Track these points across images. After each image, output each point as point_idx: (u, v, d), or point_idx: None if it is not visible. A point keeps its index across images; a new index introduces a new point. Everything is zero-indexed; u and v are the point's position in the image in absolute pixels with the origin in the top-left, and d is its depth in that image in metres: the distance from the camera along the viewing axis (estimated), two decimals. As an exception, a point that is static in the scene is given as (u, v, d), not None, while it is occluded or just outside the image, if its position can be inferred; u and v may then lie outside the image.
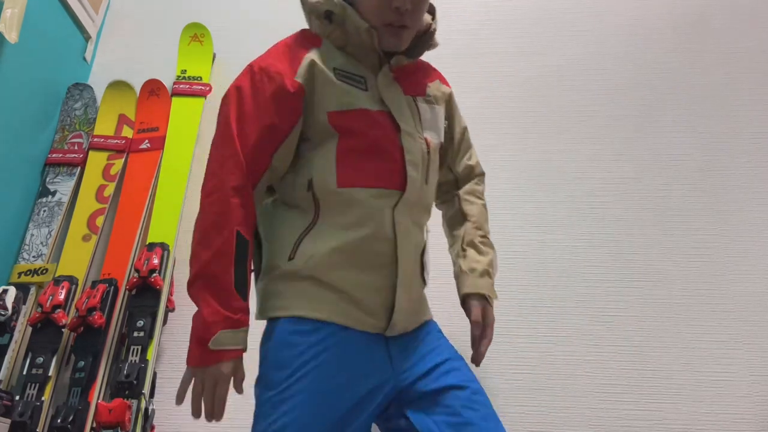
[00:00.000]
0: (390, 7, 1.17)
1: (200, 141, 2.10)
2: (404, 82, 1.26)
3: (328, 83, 1.17)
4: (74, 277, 1.79)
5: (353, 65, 1.21)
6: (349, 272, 1.12)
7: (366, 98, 1.18)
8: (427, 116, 1.27)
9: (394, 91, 1.23)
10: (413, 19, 1.20)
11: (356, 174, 1.15)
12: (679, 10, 2.25)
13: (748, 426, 1.63)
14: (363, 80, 1.20)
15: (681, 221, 1.90)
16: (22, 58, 1.91)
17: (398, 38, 1.21)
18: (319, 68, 1.17)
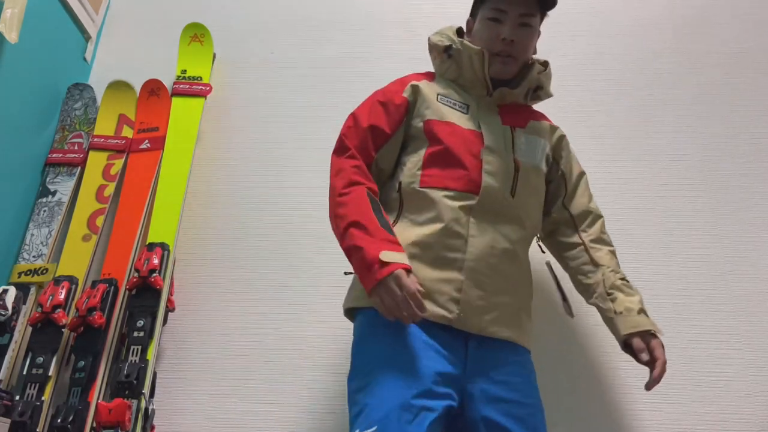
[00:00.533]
0: (498, 39, 1.40)
1: (200, 141, 2.11)
2: (506, 115, 1.44)
3: (430, 102, 1.42)
4: (74, 277, 1.79)
5: (460, 94, 1.45)
6: (423, 265, 1.24)
7: (462, 118, 1.40)
8: (521, 143, 1.41)
9: (491, 117, 1.42)
10: (518, 50, 1.42)
11: (437, 177, 1.32)
12: (679, 11, 2.25)
13: (748, 426, 1.63)
14: (465, 106, 1.43)
15: (681, 221, 1.90)
16: (22, 58, 1.91)
17: (505, 65, 1.43)
18: (423, 90, 1.44)
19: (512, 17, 1.40)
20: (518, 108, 1.48)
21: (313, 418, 1.68)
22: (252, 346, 1.78)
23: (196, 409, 1.71)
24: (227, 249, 1.94)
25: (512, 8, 1.40)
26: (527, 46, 1.43)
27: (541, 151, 1.45)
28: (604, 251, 1.44)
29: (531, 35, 1.43)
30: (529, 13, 1.41)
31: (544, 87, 1.51)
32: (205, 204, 2.02)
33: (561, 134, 1.55)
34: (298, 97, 2.19)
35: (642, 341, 1.31)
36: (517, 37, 1.40)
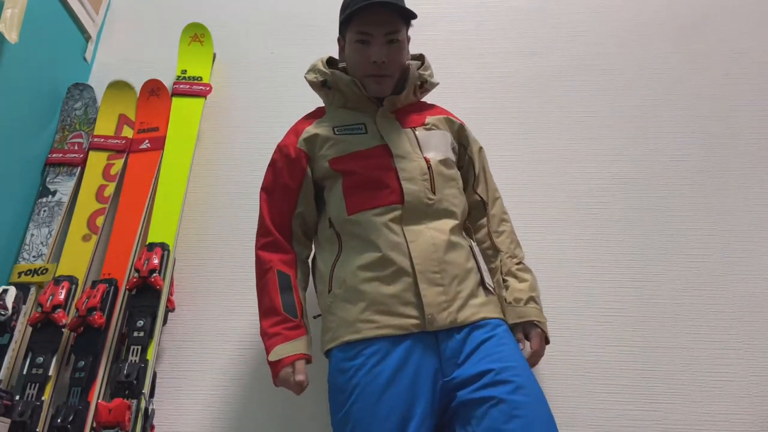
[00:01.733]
0: (368, 61, 1.44)
1: (200, 141, 2.11)
2: (404, 118, 1.50)
3: (326, 140, 1.46)
4: (74, 276, 1.80)
5: (353, 117, 1.49)
6: (375, 284, 1.30)
7: (364, 140, 1.44)
8: (425, 140, 1.47)
9: (391, 126, 1.47)
10: (391, 68, 1.46)
11: (361, 201, 1.37)
12: (679, 11, 2.25)
13: (748, 426, 1.63)
14: (363, 126, 1.47)
15: (681, 221, 1.90)
16: (22, 58, 1.91)
17: (380, 85, 1.47)
18: (318, 134, 1.47)
19: (378, 38, 1.42)
20: (413, 108, 1.54)
21: (313, 418, 1.68)
22: (252, 346, 1.78)
23: (196, 409, 1.71)
24: (227, 249, 1.94)
25: (376, 30, 1.42)
26: (399, 61, 1.47)
27: (445, 143, 1.49)
28: (504, 235, 1.49)
29: (400, 50, 1.46)
30: (395, 30, 1.43)
31: (428, 80, 1.56)
32: (205, 204, 2.02)
33: (459, 124, 1.58)
34: (298, 97, 2.19)
35: (522, 332, 1.36)
36: (387, 57, 1.43)
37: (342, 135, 1.45)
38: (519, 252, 1.49)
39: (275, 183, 1.49)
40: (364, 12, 1.41)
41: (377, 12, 1.42)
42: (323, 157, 1.45)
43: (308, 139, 1.48)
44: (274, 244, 1.44)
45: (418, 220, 1.35)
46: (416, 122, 1.50)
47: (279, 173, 1.48)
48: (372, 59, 1.42)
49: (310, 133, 1.48)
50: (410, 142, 1.44)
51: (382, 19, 1.42)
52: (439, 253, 1.32)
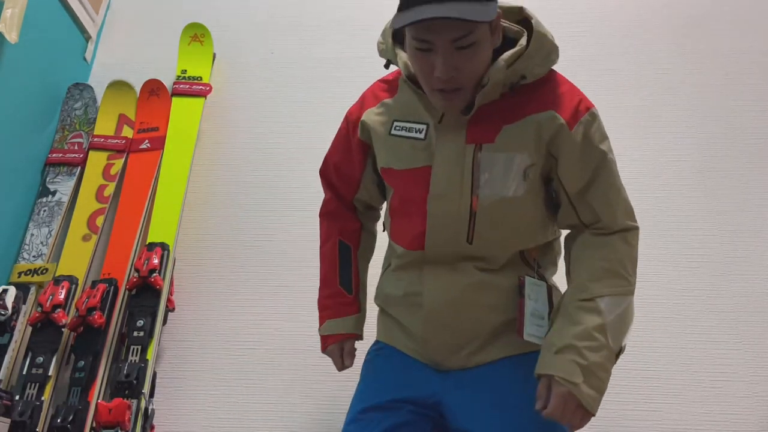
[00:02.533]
0: (432, 75, 1.05)
1: (200, 141, 2.11)
2: (478, 124, 1.12)
3: (380, 140, 1.22)
4: (74, 276, 1.79)
5: (420, 110, 1.17)
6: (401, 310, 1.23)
7: (415, 152, 1.16)
8: (486, 170, 1.11)
9: (450, 142, 1.13)
10: (464, 79, 1.05)
11: (395, 230, 1.25)
12: (679, 11, 2.25)
13: (748, 426, 1.63)
14: (424, 128, 1.16)
15: (681, 221, 1.90)
16: (22, 58, 1.91)
17: (449, 101, 1.08)
18: (375, 128, 1.22)
19: (443, 46, 1.02)
20: (498, 105, 1.12)
21: (312, 418, 1.68)
22: (252, 346, 1.78)
23: (196, 409, 1.71)
24: (227, 249, 1.94)
25: (438, 37, 1.01)
26: (474, 69, 1.06)
27: (515, 172, 1.12)
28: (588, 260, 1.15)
29: (475, 55, 1.04)
30: (464, 33, 1.01)
31: (528, 74, 1.11)
32: (205, 204, 2.02)
33: (560, 122, 1.11)
34: (298, 97, 2.19)
35: (544, 386, 1.04)
36: (456, 67, 1.03)
37: (397, 137, 1.18)
38: (596, 287, 1.10)
39: (335, 155, 1.34)
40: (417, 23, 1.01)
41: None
42: (377, 158, 1.24)
43: (364, 127, 1.25)
44: (337, 211, 1.36)
45: (442, 265, 1.16)
46: (485, 135, 1.12)
47: (340, 147, 1.32)
48: (435, 74, 1.03)
49: (368, 121, 1.23)
50: (461, 172, 1.11)
51: (444, 24, 1.00)
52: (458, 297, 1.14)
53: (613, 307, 1.11)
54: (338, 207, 1.36)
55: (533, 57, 1.11)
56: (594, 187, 1.13)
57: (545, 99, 1.13)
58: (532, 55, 1.10)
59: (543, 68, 1.13)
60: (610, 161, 1.14)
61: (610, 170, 1.15)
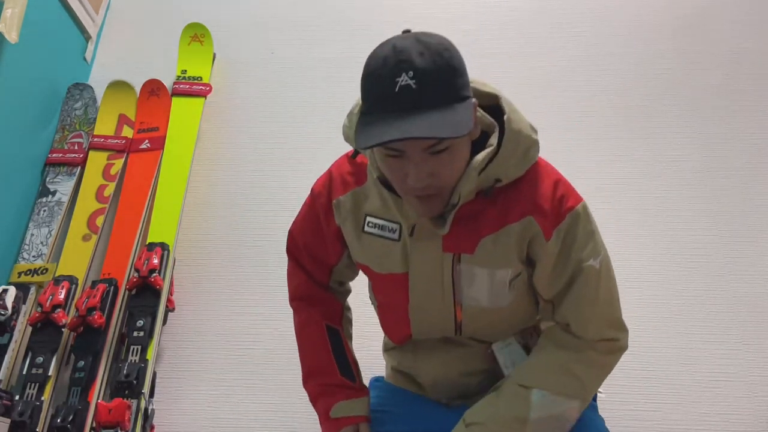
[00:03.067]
0: (405, 181, 0.92)
1: (200, 141, 2.11)
2: (454, 229, 0.99)
3: (352, 234, 1.09)
4: (74, 276, 1.80)
5: (392, 207, 1.02)
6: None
7: (389, 255, 1.05)
8: (466, 281, 1.03)
9: (426, 249, 1.02)
10: (439, 184, 0.92)
11: (382, 320, 1.23)
12: (678, 11, 2.25)
13: (748, 426, 1.63)
14: (397, 229, 1.04)
15: (681, 221, 1.90)
16: (22, 58, 1.91)
17: (427, 206, 0.95)
18: (348, 219, 1.08)
19: (414, 154, 0.88)
20: (473, 209, 1.00)
21: (312, 418, 1.68)
22: (251, 346, 1.78)
23: (196, 409, 1.71)
24: (227, 249, 1.94)
25: (410, 146, 0.87)
26: (451, 173, 0.92)
27: (499, 286, 1.04)
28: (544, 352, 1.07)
29: (452, 159, 0.90)
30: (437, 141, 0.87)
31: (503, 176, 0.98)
32: (205, 204, 2.02)
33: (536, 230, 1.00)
34: (298, 97, 2.19)
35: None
36: (431, 172, 0.90)
37: (370, 235, 1.07)
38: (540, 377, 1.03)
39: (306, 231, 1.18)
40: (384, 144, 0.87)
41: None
42: (351, 251, 1.14)
43: (341, 214, 1.11)
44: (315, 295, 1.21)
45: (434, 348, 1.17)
46: (464, 244, 1.01)
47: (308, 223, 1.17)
48: (408, 182, 0.91)
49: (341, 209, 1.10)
50: (441, 283, 1.04)
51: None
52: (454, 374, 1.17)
53: (546, 406, 1.01)
54: (314, 290, 1.20)
55: (508, 159, 0.97)
56: (567, 299, 1.03)
57: (523, 201, 1.00)
58: (507, 157, 0.97)
59: (520, 169, 0.99)
60: (588, 270, 1.01)
61: (586, 281, 1.01)
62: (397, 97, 0.83)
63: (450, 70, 0.85)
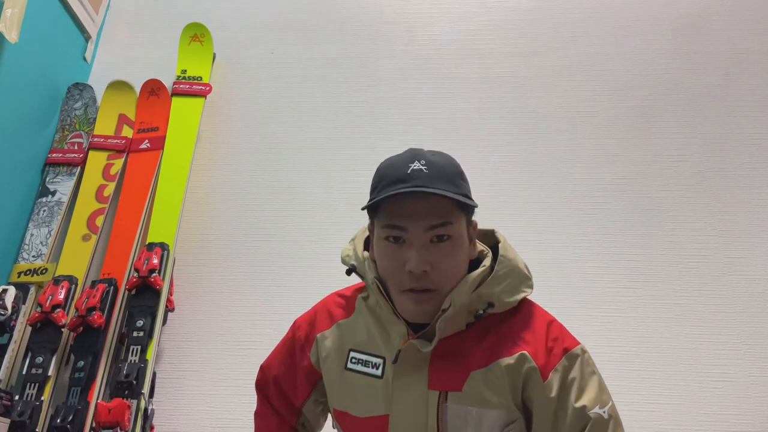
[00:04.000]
0: (402, 269, 0.91)
1: (200, 141, 2.11)
2: (439, 364, 0.95)
3: (334, 374, 1.02)
4: (74, 276, 1.79)
5: (377, 340, 0.99)
6: None
7: (373, 395, 0.97)
8: (454, 421, 0.93)
9: (409, 386, 0.95)
10: (437, 280, 0.91)
11: None
12: (678, 12, 2.25)
13: (748, 426, 1.63)
14: (381, 363, 0.98)
15: (681, 222, 1.90)
16: (22, 58, 1.91)
17: (419, 304, 0.92)
18: (328, 354, 1.03)
19: (417, 235, 0.90)
20: (462, 341, 0.96)
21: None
22: (251, 346, 1.78)
23: (196, 409, 1.71)
24: (227, 249, 1.94)
25: (414, 223, 0.90)
26: (450, 268, 0.92)
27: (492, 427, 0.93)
28: None
29: (452, 251, 0.92)
30: (442, 222, 0.90)
31: (496, 301, 0.95)
32: (205, 204, 2.02)
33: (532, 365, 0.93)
34: (298, 97, 2.19)
35: None
36: (431, 262, 0.90)
37: (353, 372, 1.00)
38: None
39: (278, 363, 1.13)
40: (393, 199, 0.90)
41: (414, 198, 0.90)
42: (329, 395, 1.05)
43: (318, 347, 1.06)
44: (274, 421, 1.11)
45: None
46: (452, 381, 0.94)
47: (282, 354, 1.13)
48: (407, 268, 0.90)
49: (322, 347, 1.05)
50: (424, 424, 0.93)
51: (422, 207, 0.90)
52: None
53: None
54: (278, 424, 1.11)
55: (501, 282, 0.96)
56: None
57: (517, 337, 0.95)
58: (500, 280, 0.96)
59: (512, 297, 0.97)
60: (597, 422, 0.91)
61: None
62: (409, 177, 0.89)
63: (457, 169, 0.94)
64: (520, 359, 0.93)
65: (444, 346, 0.94)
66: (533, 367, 0.93)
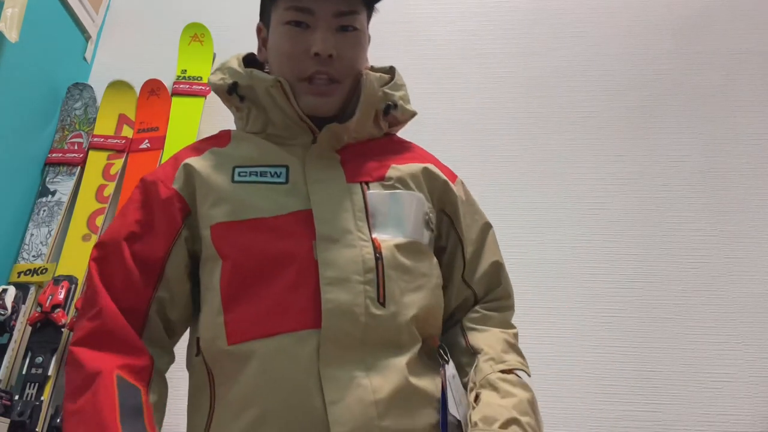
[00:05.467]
0: (307, 54, 0.89)
1: (200, 141, 2.11)
2: (353, 163, 0.93)
3: (215, 189, 0.88)
4: (74, 276, 1.79)
5: (272, 152, 0.92)
6: None
7: (277, 197, 0.88)
8: (381, 206, 0.89)
9: (328, 174, 0.90)
10: (341, 68, 0.91)
11: (248, 321, 0.80)
12: (678, 11, 2.25)
13: (748, 426, 1.63)
14: (283, 171, 0.90)
15: (681, 222, 1.90)
16: (22, 58, 1.91)
17: (322, 96, 0.91)
18: (202, 172, 0.90)
19: (324, 19, 0.90)
20: (373, 146, 0.97)
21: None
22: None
23: (196, 409, 1.70)
24: (227, 249, 1.93)
25: (321, 5, 0.90)
26: (354, 59, 0.93)
27: (416, 211, 0.92)
28: (487, 334, 0.92)
29: (357, 42, 0.94)
30: (351, 10, 0.92)
31: (398, 104, 0.98)
32: (204, 204, 2.01)
33: (443, 179, 0.98)
34: (298, 97, 2.19)
35: None
36: (337, 49, 0.90)
37: (243, 182, 0.89)
38: (510, 358, 0.90)
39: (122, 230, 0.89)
40: None
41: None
42: (206, 218, 0.88)
43: (190, 175, 0.91)
44: (112, 335, 0.81)
45: (348, 358, 0.79)
46: (372, 173, 0.92)
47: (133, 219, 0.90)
48: (313, 49, 0.89)
49: (192, 168, 0.91)
50: (352, 211, 0.87)
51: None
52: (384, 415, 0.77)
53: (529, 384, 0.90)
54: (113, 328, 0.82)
55: (400, 89, 1.00)
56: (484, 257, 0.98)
57: (418, 156, 1.01)
58: (399, 88, 1.00)
59: (409, 109, 1.02)
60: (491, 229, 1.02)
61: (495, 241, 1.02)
62: None
63: None
64: (429, 168, 0.98)
65: (353, 151, 0.94)
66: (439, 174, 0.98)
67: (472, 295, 0.98)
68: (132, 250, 0.87)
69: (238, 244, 0.85)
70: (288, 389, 0.77)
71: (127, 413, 0.76)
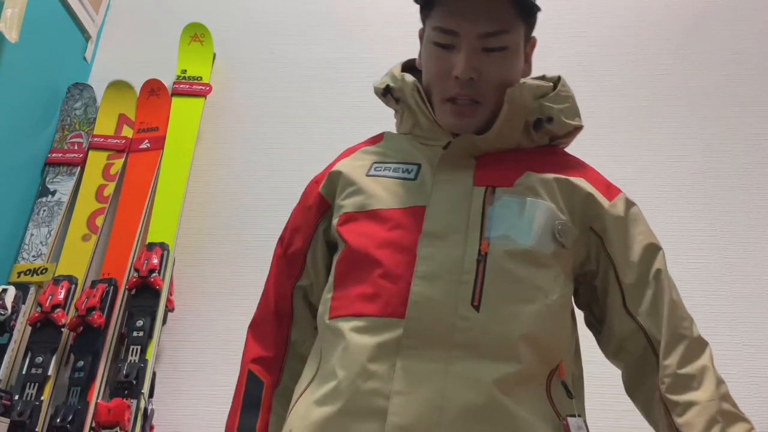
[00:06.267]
0: (451, 76, 0.88)
1: (200, 141, 2.11)
2: (487, 168, 0.90)
3: (356, 182, 0.93)
4: (74, 276, 1.79)
5: (412, 151, 0.94)
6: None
7: (402, 191, 0.89)
8: (502, 212, 0.85)
9: (452, 179, 0.88)
10: (484, 90, 0.89)
11: (345, 299, 0.85)
12: (678, 12, 2.25)
13: (748, 426, 1.63)
14: (415, 168, 0.91)
15: (680, 222, 1.90)
16: (22, 58, 1.91)
17: (460, 118, 0.90)
18: (347, 171, 0.96)
19: (468, 41, 0.87)
20: (518, 155, 0.93)
21: (312, 418, 1.68)
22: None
23: (196, 409, 1.70)
24: (227, 249, 1.94)
25: (466, 26, 0.87)
26: (501, 79, 0.89)
27: (541, 220, 0.86)
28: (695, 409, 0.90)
29: (504, 62, 0.89)
30: (498, 30, 0.87)
31: (555, 117, 0.93)
32: (205, 204, 2.01)
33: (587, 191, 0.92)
34: (298, 97, 2.19)
35: None
36: (481, 70, 0.88)
37: (376, 176, 0.93)
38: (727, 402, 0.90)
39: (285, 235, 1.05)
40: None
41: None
42: (339, 208, 0.94)
43: (333, 179, 0.97)
44: (262, 324, 1.02)
45: (428, 355, 0.77)
46: (502, 179, 0.89)
47: (293, 225, 1.04)
48: (453, 73, 0.87)
49: (339, 172, 0.97)
50: (468, 212, 0.85)
51: (478, 9, 0.86)
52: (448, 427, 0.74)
53: None
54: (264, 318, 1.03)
55: (563, 102, 0.93)
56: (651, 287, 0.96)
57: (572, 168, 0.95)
58: (562, 100, 0.93)
59: (570, 120, 0.96)
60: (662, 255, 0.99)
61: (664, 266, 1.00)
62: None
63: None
64: (570, 179, 0.91)
65: (493, 157, 0.91)
66: (593, 191, 0.93)
67: (641, 332, 0.93)
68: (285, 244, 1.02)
69: (356, 231, 0.90)
70: (359, 369, 0.78)
71: (247, 405, 0.95)
